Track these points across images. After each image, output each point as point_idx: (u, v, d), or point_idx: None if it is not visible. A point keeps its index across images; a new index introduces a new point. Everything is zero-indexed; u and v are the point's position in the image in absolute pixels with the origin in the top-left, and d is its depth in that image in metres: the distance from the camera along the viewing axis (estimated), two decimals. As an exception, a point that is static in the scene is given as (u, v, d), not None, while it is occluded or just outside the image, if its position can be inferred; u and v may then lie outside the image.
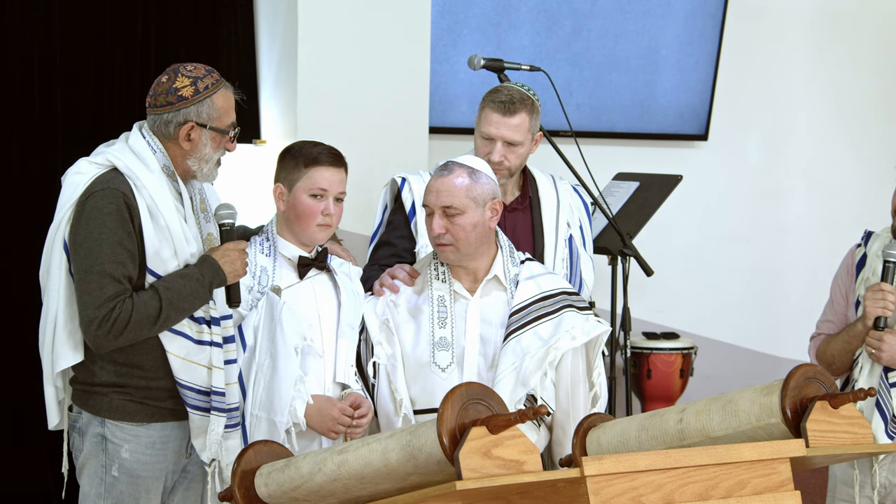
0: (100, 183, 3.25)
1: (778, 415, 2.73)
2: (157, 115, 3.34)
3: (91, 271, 3.20)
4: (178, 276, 3.27)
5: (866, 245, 3.95)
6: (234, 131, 3.39)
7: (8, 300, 4.97)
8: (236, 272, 3.34)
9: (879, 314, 3.74)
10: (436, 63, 5.65)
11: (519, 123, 3.84)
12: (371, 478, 2.64)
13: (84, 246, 3.21)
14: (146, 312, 3.20)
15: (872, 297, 3.75)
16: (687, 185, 5.55)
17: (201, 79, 3.34)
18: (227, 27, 5.35)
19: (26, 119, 5.01)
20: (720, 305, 6.75)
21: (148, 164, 3.30)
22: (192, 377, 3.30)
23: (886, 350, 3.73)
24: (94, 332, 3.20)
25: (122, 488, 3.32)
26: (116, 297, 3.19)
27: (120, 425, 3.31)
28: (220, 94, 3.36)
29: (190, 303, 3.27)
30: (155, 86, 3.36)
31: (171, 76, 3.35)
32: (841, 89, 6.88)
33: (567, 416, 3.52)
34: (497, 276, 3.57)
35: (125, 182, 3.26)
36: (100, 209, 3.22)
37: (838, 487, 3.84)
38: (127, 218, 3.23)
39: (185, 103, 3.32)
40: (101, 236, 3.20)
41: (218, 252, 3.33)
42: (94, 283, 3.19)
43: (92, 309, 3.19)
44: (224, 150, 3.40)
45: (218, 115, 3.35)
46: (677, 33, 6.47)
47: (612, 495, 2.50)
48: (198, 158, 3.36)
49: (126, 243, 3.22)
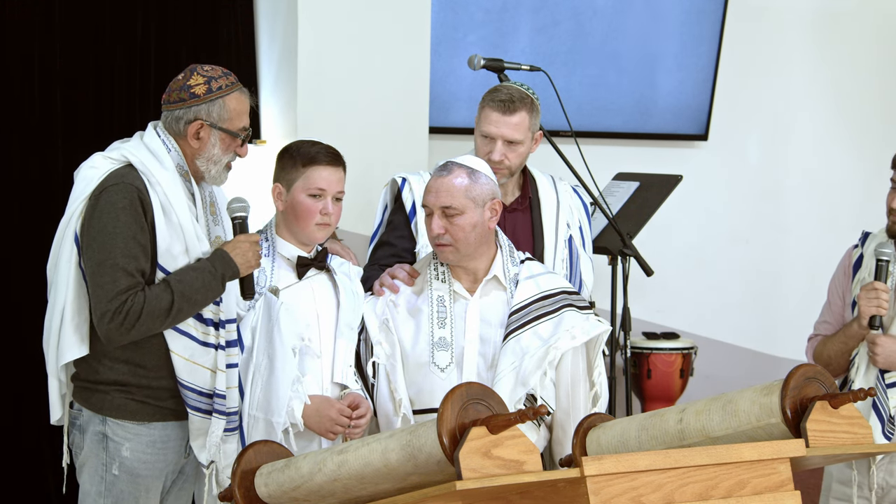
0: (114, 178, 3.26)
1: (778, 415, 2.73)
2: (170, 112, 3.36)
3: (104, 265, 3.20)
4: (189, 269, 3.28)
5: (863, 246, 3.95)
6: (244, 135, 3.39)
7: (8, 298, 4.97)
8: (249, 264, 3.33)
9: (874, 313, 3.74)
10: (436, 63, 5.65)
11: (519, 122, 3.84)
12: (371, 478, 2.64)
13: (97, 240, 3.22)
14: (158, 305, 3.21)
15: (866, 296, 3.75)
16: (687, 185, 5.55)
17: (216, 79, 3.35)
18: (227, 27, 5.35)
19: (26, 119, 5.01)
20: (720, 305, 6.75)
21: (163, 162, 3.31)
22: (194, 378, 3.30)
23: (881, 353, 3.73)
24: (106, 324, 3.20)
25: (122, 487, 3.32)
26: (129, 291, 3.19)
27: (121, 424, 3.32)
28: (234, 96, 3.36)
29: (203, 295, 3.27)
30: (171, 83, 3.38)
31: (186, 74, 3.37)
32: (841, 89, 6.88)
33: (567, 415, 3.52)
34: (497, 276, 3.57)
35: (139, 178, 3.27)
36: (114, 203, 3.22)
37: (833, 486, 3.84)
38: (140, 213, 3.24)
39: (196, 101, 3.33)
40: (114, 230, 3.21)
41: (229, 245, 3.33)
42: (107, 277, 3.19)
43: (104, 302, 3.19)
44: (234, 155, 3.41)
45: (229, 117, 3.35)
46: (677, 33, 6.47)
47: (612, 495, 2.50)
48: (206, 159, 3.36)
49: (139, 238, 3.23)
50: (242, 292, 3.37)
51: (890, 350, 3.73)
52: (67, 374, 3.39)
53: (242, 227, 3.39)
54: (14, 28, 4.98)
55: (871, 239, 3.93)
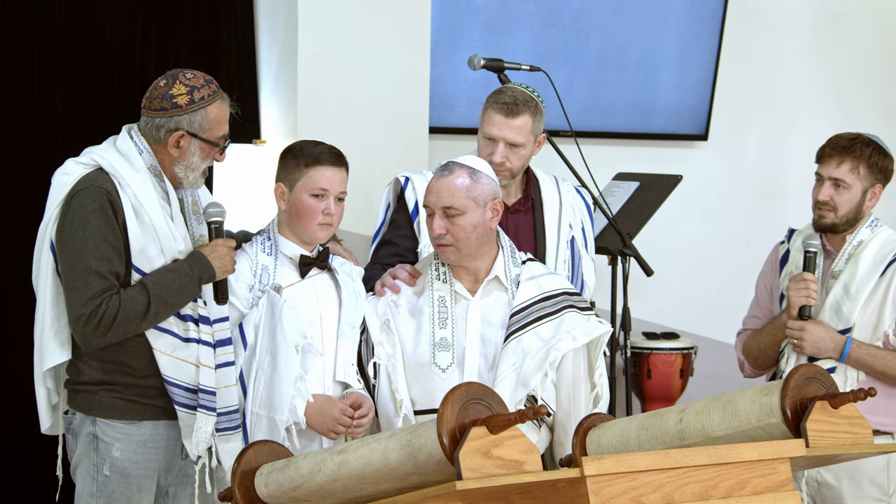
0: (84, 182, 3.27)
1: (778, 415, 2.73)
2: (150, 119, 3.35)
3: (76, 269, 3.21)
4: (166, 270, 3.28)
5: (789, 241, 4.07)
6: (224, 144, 3.39)
7: (5, 301, 4.97)
8: (225, 268, 3.35)
9: (803, 303, 3.85)
10: (436, 63, 5.65)
11: (521, 125, 3.84)
12: (371, 478, 2.64)
13: (69, 244, 3.23)
14: (134, 308, 3.21)
15: (795, 286, 3.87)
16: (687, 185, 5.55)
17: (198, 88, 3.34)
18: (227, 27, 5.35)
19: (26, 119, 5.01)
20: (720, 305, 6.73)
21: (133, 163, 3.31)
22: (178, 374, 3.31)
23: (808, 339, 3.85)
24: (81, 328, 3.20)
25: (113, 487, 3.32)
26: (103, 294, 3.19)
27: (111, 424, 3.32)
28: (216, 105, 3.36)
29: (179, 297, 3.27)
30: (152, 88, 3.37)
31: (168, 81, 3.35)
32: (841, 89, 6.88)
33: (568, 416, 3.52)
34: (498, 276, 3.57)
35: (109, 180, 3.27)
36: (84, 207, 3.23)
37: None
38: (111, 215, 3.24)
39: (178, 111, 3.32)
40: (85, 234, 3.21)
41: (207, 248, 3.35)
42: (80, 281, 3.20)
43: (78, 306, 3.20)
44: (212, 160, 3.41)
45: (209, 127, 3.35)
46: (677, 33, 6.47)
47: (612, 495, 2.50)
48: (185, 166, 3.36)
49: (111, 240, 3.23)
50: (216, 296, 3.38)
51: (818, 336, 3.84)
52: (58, 382, 3.39)
53: (218, 232, 3.40)
54: (14, 28, 4.98)
55: (797, 235, 4.05)
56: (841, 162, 3.87)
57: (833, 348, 3.83)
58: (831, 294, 3.89)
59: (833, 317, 3.87)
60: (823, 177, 3.91)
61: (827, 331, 3.85)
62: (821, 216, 3.91)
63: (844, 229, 3.92)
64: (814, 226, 3.96)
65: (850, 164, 3.87)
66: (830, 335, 3.84)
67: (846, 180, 3.87)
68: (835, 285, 3.89)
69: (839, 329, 3.86)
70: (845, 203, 3.88)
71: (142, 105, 3.38)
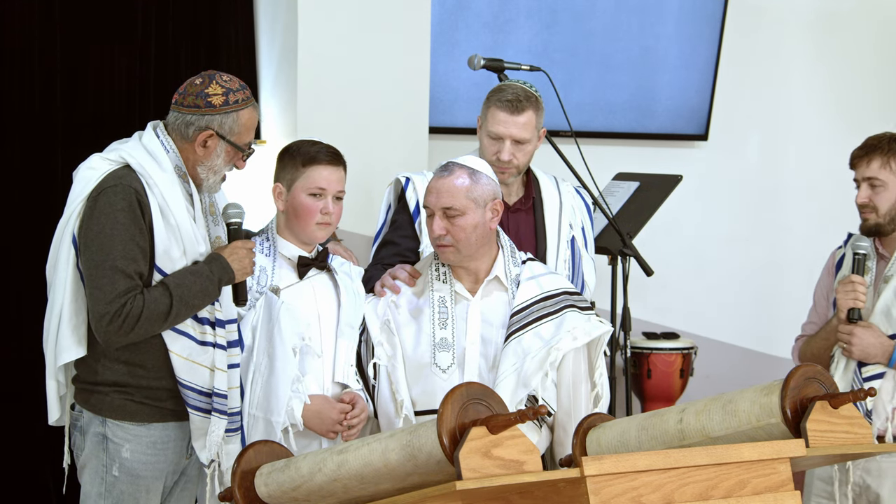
0: (112, 179, 3.26)
1: (778, 415, 2.73)
2: (181, 115, 3.34)
3: (102, 266, 3.20)
4: (188, 272, 3.28)
5: (846, 246, 4.00)
6: (248, 151, 3.39)
7: (8, 298, 4.96)
8: (244, 270, 3.35)
9: (851, 306, 3.78)
10: (436, 63, 5.65)
11: (526, 121, 3.85)
12: (371, 478, 2.64)
13: (96, 241, 3.22)
14: (157, 309, 3.21)
15: (843, 289, 3.80)
16: (687, 185, 5.55)
17: (234, 91, 3.35)
18: (227, 27, 5.35)
19: (26, 119, 5.01)
20: (720, 305, 6.75)
21: (161, 163, 3.30)
22: (193, 377, 3.30)
23: (857, 343, 3.77)
24: (105, 327, 3.20)
25: (122, 488, 3.32)
26: (128, 293, 3.19)
27: (121, 425, 3.31)
28: (247, 111, 3.37)
29: (200, 299, 3.27)
30: (187, 85, 3.37)
31: (205, 80, 3.35)
32: (841, 89, 6.88)
33: (569, 416, 3.52)
34: (498, 276, 3.57)
35: (137, 179, 3.26)
36: (112, 205, 3.22)
37: (815, 483, 3.88)
38: (139, 214, 3.23)
39: (211, 110, 3.32)
40: (112, 232, 3.20)
41: (227, 250, 3.34)
42: (106, 279, 3.19)
43: (103, 304, 3.19)
44: (233, 166, 3.41)
45: (239, 131, 3.35)
46: (677, 33, 6.47)
47: (612, 495, 2.50)
48: (207, 167, 3.36)
49: (138, 239, 3.22)
50: (235, 298, 3.38)
51: (866, 342, 3.77)
52: (67, 376, 3.39)
53: (237, 234, 3.40)
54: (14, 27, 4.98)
55: (854, 239, 3.97)
56: (871, 160, 3.83)
57: (882, 353, 3.76)
58: (882, 297, 3.81)
59: (883, 321, 3.80)
60: (859, 180, 3.87)
61: (876, 335, 3.77)
62: (864, 219, 3.87)
63: (892, 229, 3.86)
64: (860, 231, 3.91)
65: (879, 160, 3.82)
66: (880, 340, 3.76)
67: (879, 177, 3.82)
68: (885, 289, 3.82)
69: (889, 334, 3.78)
70: (884, 201, 3.83)
71: (173, 100, 3.37)
